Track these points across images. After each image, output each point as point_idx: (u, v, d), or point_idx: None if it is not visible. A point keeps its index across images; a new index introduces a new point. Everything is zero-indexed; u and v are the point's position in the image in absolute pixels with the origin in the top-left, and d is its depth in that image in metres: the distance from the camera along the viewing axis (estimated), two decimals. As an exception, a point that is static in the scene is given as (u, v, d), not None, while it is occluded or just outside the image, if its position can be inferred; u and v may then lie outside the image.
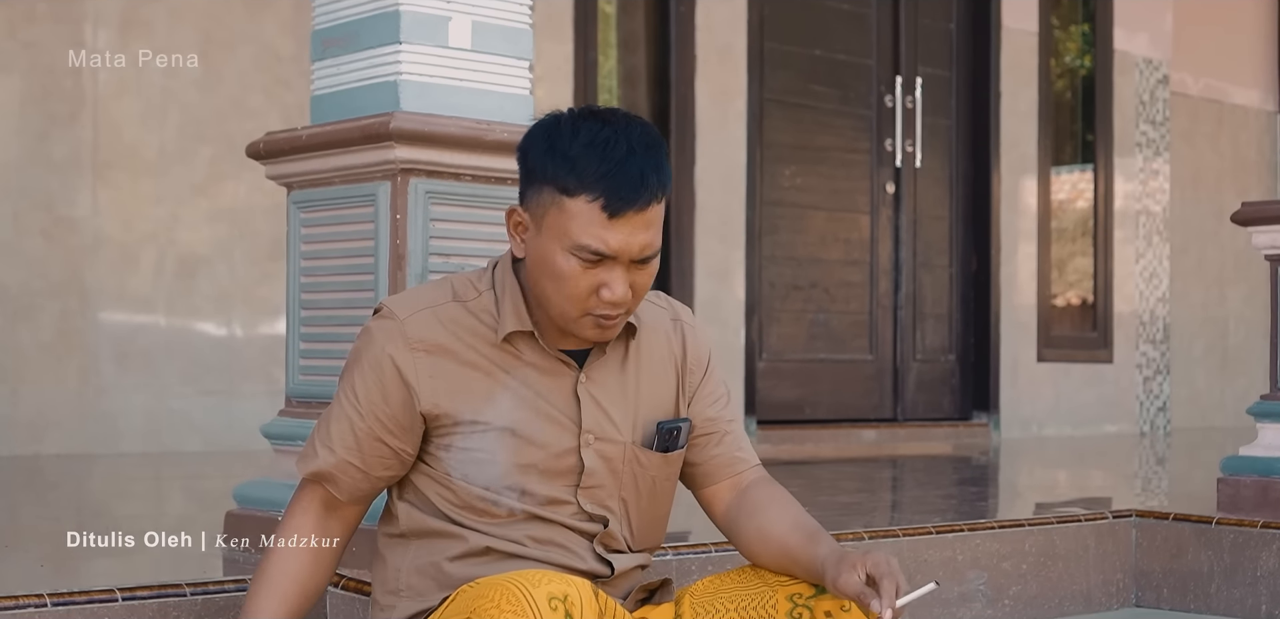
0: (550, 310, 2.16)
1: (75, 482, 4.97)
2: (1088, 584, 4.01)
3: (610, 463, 2.23)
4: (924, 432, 7.77)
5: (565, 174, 2.09)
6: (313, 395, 3.18)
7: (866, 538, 3.59)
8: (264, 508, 3.20)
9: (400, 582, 2.25)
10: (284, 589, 2.25)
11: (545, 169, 2.12)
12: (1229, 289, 9.67)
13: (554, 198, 2.10)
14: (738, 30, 7.17)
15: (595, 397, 2.22)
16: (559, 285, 2.12)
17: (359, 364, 2.22)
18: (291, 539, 2.26)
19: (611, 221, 2.08)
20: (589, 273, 2.11)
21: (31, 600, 2.57)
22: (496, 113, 3.08)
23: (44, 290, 5.74)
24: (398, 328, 2.19)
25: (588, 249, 2.09)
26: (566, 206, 2.09)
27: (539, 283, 2.15)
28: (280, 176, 3.25)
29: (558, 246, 2.11)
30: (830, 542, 2.18)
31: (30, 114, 5.73)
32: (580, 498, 2.22)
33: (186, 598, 2.72)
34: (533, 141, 2.16)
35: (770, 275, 7.34)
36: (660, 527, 2.35)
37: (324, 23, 3.22)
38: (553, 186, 2.10)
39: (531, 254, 2.16)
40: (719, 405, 2.35)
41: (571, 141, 2.10)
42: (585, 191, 2.08)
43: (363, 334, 2.24)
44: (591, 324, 2.15)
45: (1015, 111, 8.27)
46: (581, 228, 2.09)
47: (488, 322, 2.20)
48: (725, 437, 2.34)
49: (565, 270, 2.11)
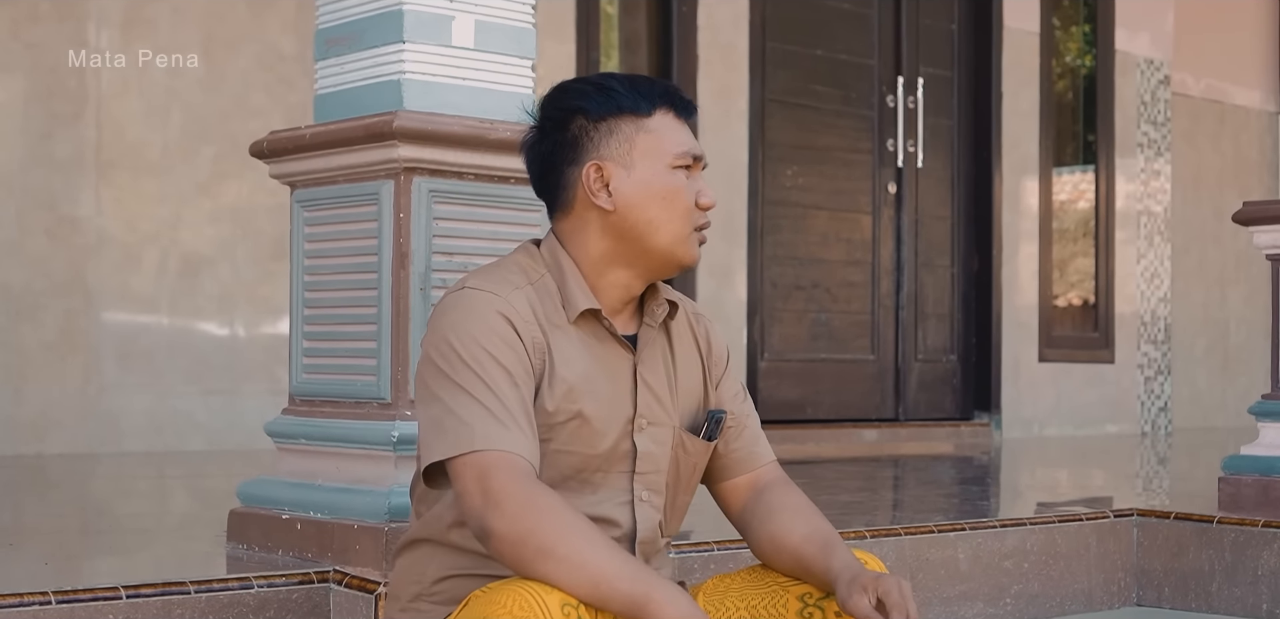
0: (658, 243, 2.17)
1: (78, 481, 4.98)
2: (1089, 583, 4.02)
3: (661, 448, 2.22)
4: (925, 431, 7.77)
5: (636, 98, 2.17)
6: (316, 394, 3.18)
7: (868, 537, 3.59)
8: (268, 506, 3.20)
9: (423, 588, 2.17)
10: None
11: (617, 105, 2.17)
12: (1230, 289, 9.68)
13: (636, 124, 2.17)
14: (739, 30, 7.18)
15: (648, 381, 2.22)
16: (672, 204, 2.16)
17: (461, 333, 2.06)
18: (565, 515, 1.98)
19: (685, 124, 2.21)
20: (689, 182, 2.19)
21: (36, 598, 2.58)
22: (500, 111, 3.09)
23: (47, 290, 5.75)
24: (497, 302, 2.09)
25: (687, 153, 2.18)
26: (650, 125, 2.17)
27: (646, 220, 2.16)
28: (284, 175, 3.26)
29: (660, 165, 2.17)
30: (844, 555, 2.17)
31: (33, 114, 5.74)
32: (635, 484, 2.20)
33: (190, 595, 2.73)
34: (583, 96, 2.19)
35: (772, 275, 7.35)
36: (683, 516, 2.35)
37: (328, 22, 3.23)
38: (630, 115, 2.17)
39: (627, 194, 2.16)
40: (738, 399, 2.36)
41: (616, 79, 2.20)
42: (658, 106, 2.18)
43: (453, 309, 2.09)
44: (696, 240, 2.20)
45: (1016, 112, 8.28)
46: (673, 136, 2.18)
47: (550, 303, 2.16)
48: (744, 431, 2.34)
49: (674, 186, 2.17)
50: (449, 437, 2.02)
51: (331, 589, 2.89)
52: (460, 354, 2.05)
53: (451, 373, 2.05)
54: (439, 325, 2.10)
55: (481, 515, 1.98)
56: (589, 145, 2.17)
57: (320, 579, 2.89)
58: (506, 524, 1.96)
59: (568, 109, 2.19)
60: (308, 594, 2.87)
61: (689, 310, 2.34)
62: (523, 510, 1.95)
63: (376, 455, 3.01)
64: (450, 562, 2.15)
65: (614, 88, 2.18)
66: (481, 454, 2.00)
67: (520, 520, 1.95)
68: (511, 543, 1.95)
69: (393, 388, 3.00)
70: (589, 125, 2.17)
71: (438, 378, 2.06)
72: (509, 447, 2.00)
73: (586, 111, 2.18)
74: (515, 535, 1.95)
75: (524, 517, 1.95)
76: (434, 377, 2.07)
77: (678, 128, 2.19)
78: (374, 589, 2.77)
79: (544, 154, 2.21)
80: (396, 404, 3.00)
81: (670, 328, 2.28)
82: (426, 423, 2.07)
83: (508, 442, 2.01)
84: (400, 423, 2.97)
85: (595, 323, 2.18)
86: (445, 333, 2.08)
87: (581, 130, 2.18)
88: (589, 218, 2.18)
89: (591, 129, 2.17)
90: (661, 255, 2.18)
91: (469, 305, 2.09)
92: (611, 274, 2.19)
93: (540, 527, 1.94)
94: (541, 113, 2.23)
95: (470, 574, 2.12)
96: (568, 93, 2.21)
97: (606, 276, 2.19)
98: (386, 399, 3.01)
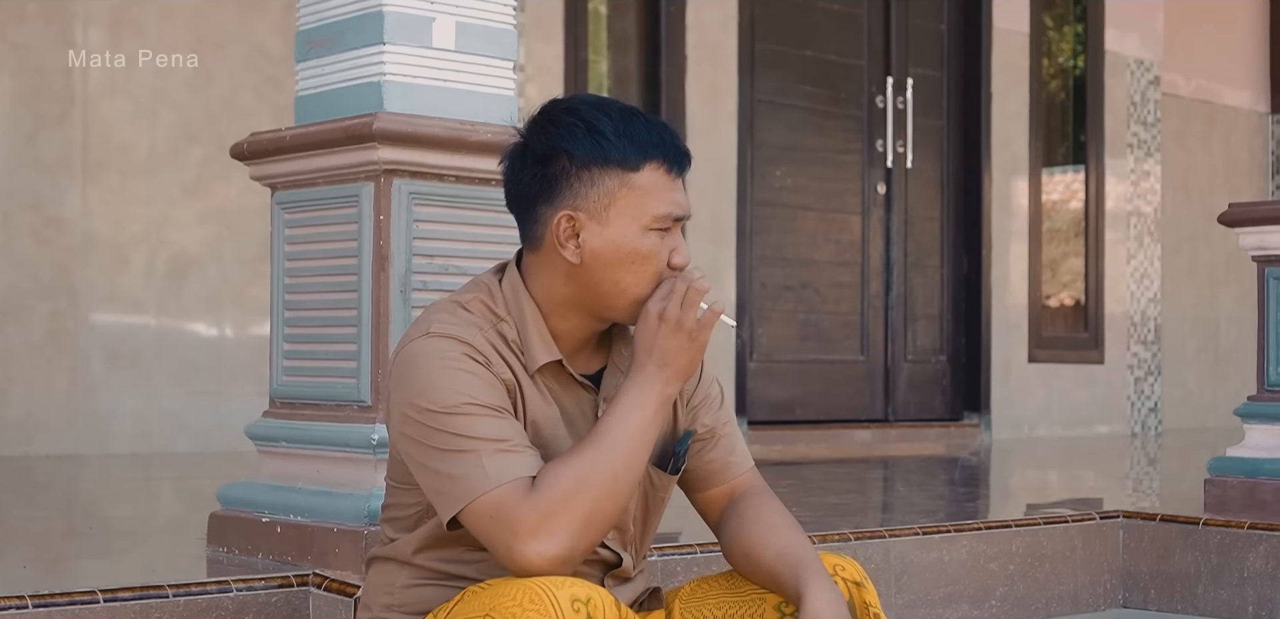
0: (622, 304, 2.10)
1: (65, 483, 4.97)
2: (1075, 585, 4.01)
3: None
4: (915, 432, 7.77)
5: (626, 150, 2.07)
6: (297, 397, 3.18)
7: (852, 540, 3.59)
8: (248, 509, 3.20)
9: (393, 597, 2.17)
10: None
11: (603, 154, 2.06)
12: (1220, 290, 9.68)
13: (620, 179, 2.07)
14: (729, 31, 7.18)
15: None
16: (642, 268, 2.08)
17: (436, 390, 2.02)
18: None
19: (675, 181, 2.10)
20: (662, 242, 2.09)
21: (13, 602, 2.57)
22: (480, 113, 3.08)
23: (34, 291, 5.74)
24: (462, 347, 2.05)
25: (667, 216, 2.08)
26: (636, 182, 2.07)
27: (612, 280, 2.08)
28: (265, 177, 3.25)
29: (635, 226, 2.07)
30: (814, 583, 2.10)
31: (20, 114, 5.73)
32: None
33: (168, 599, 2.72)
34: (568, 137, 2.08)
35: (761, 276, 7.35)
36: (651, 537, 2.33)
37: (309, 23, 3.22)
38: (616, 168, 2.06)
39: (597, 250, 2.08)
40: (713, 409, 2.30)
41: (610, 121, 2.08)
42: (650, 160, 2.07)
43: (421, 360, 2.05)
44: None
45: (1006, 112, 8.28)
46: (658, 197, 2.07)
47: (515, 349, 2.11)
48: (720, 441, 2.30)
49: (645, 250, 2.08)
50: (460, 484, 2.00)
51: (311, 593, 2.88)
52: (443, 404, 2.02)
53: (441, 424, 2.01)
54: (411, 379, 2.05)
55: (509, 549, 1.96)
56: (567, 191, 2.08)
57: (300, 583, 2.88)
58: (540, 534, 1.96)
59: (553, 147, 2.09)
60: (287, 598, 2.87)
61: None
62: (546, 510, 1.96)
63: (356, 458, 3.01)
64: (417, 575, 2.15)
65: (605, 133, 2.07)
66: (484, 497, 1.98)
67: (548, 518, 1.96)
68: (552, 535, 1.96)
69: (373, 391, 3.00)
70: (571, 169, 2.08)
71: (429, 432, 2.02)
72: (521, 472, 1.99)
73: (571, 154, 2.08)
74: (546, 528, 1.96)
75: (548, 514, 1.96)
76: (424, 432, 2.03)
77: (666, 186, 2.08)
78: (354, 593, 2.76)
79: (523, 183, 2.13)
80: (376, 407, 2.99)
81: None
82: (428, 477, 2.04)
83: (517, 469, 1.99)
84: (380, 426, 2.97)
85: (558, 368, 2.15)
86: (423, 387, 2.03)
87: (562, 172, 2.08)
88: (555, 261, 2.11)
89: (573, 174, 2.08)
90: (623, 314, 2.13)
91: (437, 355, 2.04)
92: (573, 317, 2.14)
93: (559, 496, 1.96)
94: (527, 136, 2.14)
95: (437, 584, 2.12)
96: (556, 127, 2.10)
97: (568, 319, 2.14)
98: (367, 402, 3.01)
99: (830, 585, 2.10)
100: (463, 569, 2.11)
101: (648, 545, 2.31)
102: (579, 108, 2.11)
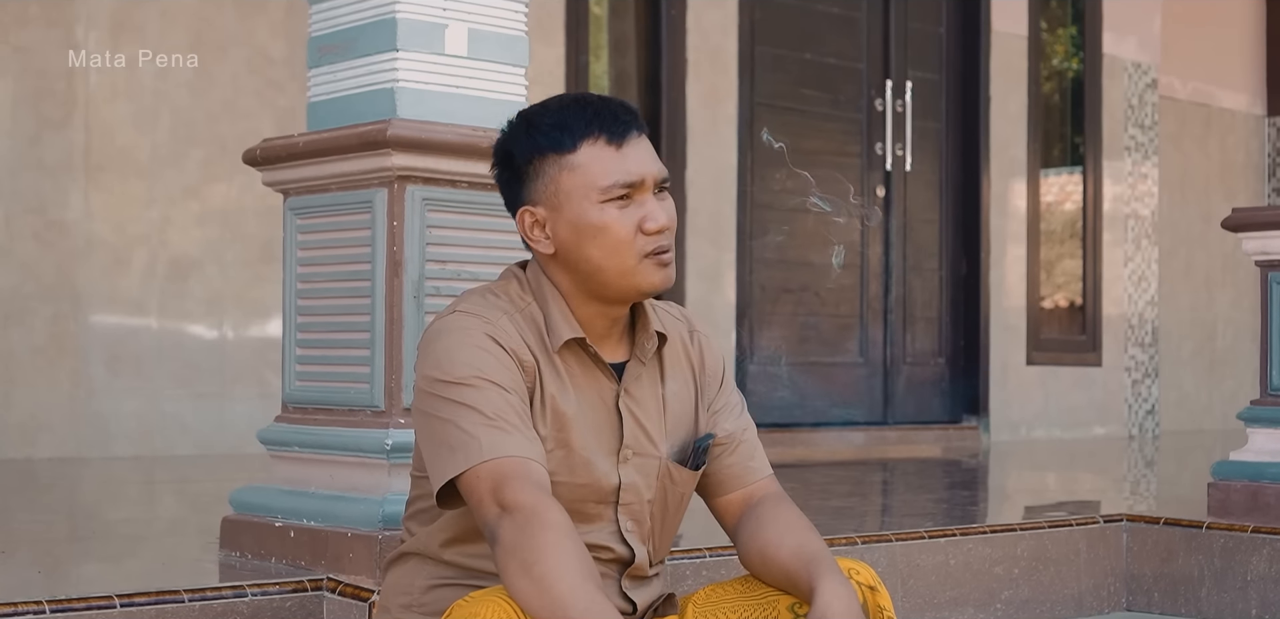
0: (607, 279, 2.11)
1: (68, 486, 4.97)
2: (1079, 588, 4.03)
3: (645, 479, 2.21)
4: (914, 434, 7.78)
5: (558, 136, 2.09)
6: (309, 401, 3.18)
7: (859, 543, 3.60)
8: (260, 514, 3.20)
9: (412, 598, 2.18)
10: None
11: (537, 146, 2.10)
12: (1217, 292, 9.70)
13: (558, 163, 2.10)
14: (728, 34, 7.19)
15: (634, 411, 2.20)
16: (605, 240, 2.09)
17: (454, 356, 2.05)
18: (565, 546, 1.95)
19: (621, 150, 2.09)
20: (626, 212, 2.09)
21: (30, 607, 2.58)
22: (493, 119, 3.08)
23: (36, 293, 5.74)
24: (486, 326, 2.08)
25: (617, 184, 2.08)
26: (574, 161, 2.09)
27: (585, 258, 2.10)
28: (277, 183, 3.26)
29: (587, 205, 2.09)
30: (827, 578, 2.11)
31: (22, 117, 5.73)
32: (620, 515, 2.19)
33: (184, 604, 2.73)
34: (512, 139, 2.14)
35: (761, 278, 7.36)
36: (673, 537, 2.34)
37: (321, 29, 3.23)
38: (552, 154, 2.10)
39: (563, 237, 2.11)
40: (734, 415, 2.32)
41: (548, 114, 2.12)
42: (585, 137, 2.09)
43: (443, 335, 2.08)
44: (652, 266, 2.11)
45: (1005, 115, 8.29)
46: (600, 169, 2.08)
47: (539, 330, 2.14)
48: (739, 446, 2.31)
49: (604, 221, 2.09)
50: (458, 453, 2.02)
51: (325, 597, 2.88)
52: (456, 375, 2.04)
53: (450, 394, 2.04)
54: (431, 351, 2.09)
55: (496, 524, 1.97)
56: (522, 189, 2.13)
57: (314, 587, 2.89)
58: (508, 533, 1.95)
59: (502, 150, 2.16)
60: (301, 602, 2.87)
61: (683, 331, 2.32)
62: (526, 522, 1.95)
63: (370, 463, 3.01)
64: (440, 573, 2.16)
65: (539, 125, 2.11)
66: (492, 463, 1.99)
67: (520, 531, 1.94)
68: (506, 551, 1.95)
69: (386, 396, 3.01)
70: (520, 167, 2.13)
71: (437, 401, 2.06)
72: (517, 452, 2.00)
73: (514, 154, 2.14)
74: (510, 544, 1.94)
75: (523, 529, 1.95)
76: (433, 401, 2.06)
77: (608, 157, 2.09)
78: (367, 597, 2.77)
79: (500, 191, 2.20)
80: (390, 412, 3.00)
81: (663, 355, 2.26)
82: (431, 446, 2.07)
83: (514, 447, 2.01)
84: (394, 431, 2.98)
85: (581, 351, 2.16)
86: (438, 358, 2.07)
87: (514, 172, 2.14)
88: (539, 255, 2.16)
89: (521, 171, 2.13)
90: (617, 289, 2.13)
91: (458, 329, 2.08)
92: (588, 305, 2.16)
93: (530, 542, 1.93)
94: (494, 147, 2.20)
95: (458, 584, 2.13)
96: (505, 133, 2.16)
97: (585, 307, 2.15)
98: (380, 407, 3.01)
99: (843, 581, 2.11)
100: (487, 563, 2.11)
101: (667, 545, 2.31)
102: (529, 108, 2.18)
